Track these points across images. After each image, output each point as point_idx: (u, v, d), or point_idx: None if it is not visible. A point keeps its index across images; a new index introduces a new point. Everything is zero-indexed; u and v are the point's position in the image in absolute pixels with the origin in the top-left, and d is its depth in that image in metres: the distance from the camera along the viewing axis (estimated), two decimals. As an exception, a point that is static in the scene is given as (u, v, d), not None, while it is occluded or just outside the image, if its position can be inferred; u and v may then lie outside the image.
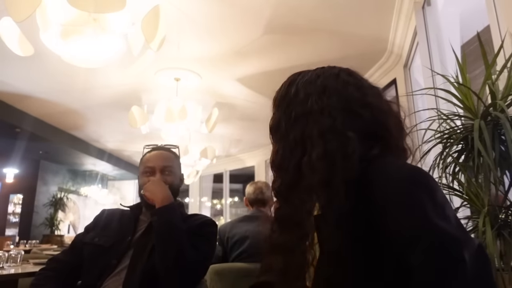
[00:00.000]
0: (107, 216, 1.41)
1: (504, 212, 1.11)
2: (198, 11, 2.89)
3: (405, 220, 0.55)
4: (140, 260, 1.22)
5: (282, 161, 0.68)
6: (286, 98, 0.73)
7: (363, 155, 0.62)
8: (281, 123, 0.70)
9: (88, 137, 6.89)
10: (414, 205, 0.55)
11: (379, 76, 3.97)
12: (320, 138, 0.63)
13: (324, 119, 0.64)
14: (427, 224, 0.53)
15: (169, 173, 1.38)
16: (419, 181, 0.58)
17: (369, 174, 0.59)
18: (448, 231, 0.53)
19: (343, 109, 0.65)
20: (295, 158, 0.65)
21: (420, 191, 0.56)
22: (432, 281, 0.51)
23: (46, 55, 2.34)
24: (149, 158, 1.40)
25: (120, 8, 1.72)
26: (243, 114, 5.31)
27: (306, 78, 0.73)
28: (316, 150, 0.62)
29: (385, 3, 2.85)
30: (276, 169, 0.70)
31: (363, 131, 0.64)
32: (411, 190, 0.56)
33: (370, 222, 0.57)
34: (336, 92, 0.68)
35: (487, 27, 1.62)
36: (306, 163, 0.63)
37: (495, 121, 1.11)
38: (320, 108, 0.66)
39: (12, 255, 2.39)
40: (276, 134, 0.72)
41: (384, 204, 0.57)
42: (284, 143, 0.69)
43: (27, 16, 1.68)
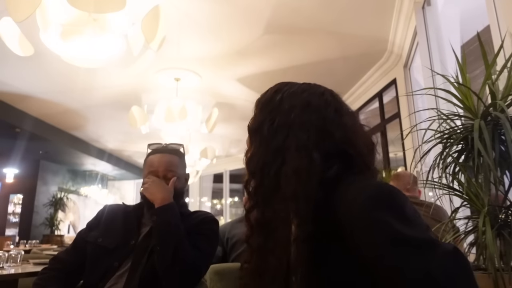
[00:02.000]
0: (110, 214, 1.39)
1: (504, 212, 1.11)
2: (198, 11, 2.89)
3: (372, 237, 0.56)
4: (141, 263, 1.21)
5: (262, 165, 0.70)
6: (270, 103, 0.75)
7: (328, 175, 0.65)
8: (263, 127, 0.72)
9: (88, 137, 6.89)
10: (379, 222, 0.56)
11: (379, 76, 3.97)
12: (296, 152, 0.66)
13: (301, 134, 0.68)
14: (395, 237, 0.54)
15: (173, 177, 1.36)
16: (384, 198, 0.59)
17: (335, 192, 0.62)
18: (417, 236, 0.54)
19: (319, 127, 0.69)
20: (276, 165, 0.68)
21: (384, 208, 0.57)
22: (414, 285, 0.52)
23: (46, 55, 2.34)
24: (152, 162, 1.38)
25: (120, 8, 1.72)
26: (243, 114, 5.31)
27: (292, 90, 0.76)
28: (291, 162, 0.66)
29: (385, 4, 2.85)
30: (253, 171, 0.72)
31: (332, 151, 0.67)
32: (375, 207, 0.57)
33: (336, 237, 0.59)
34: (317, 110, 0.71)
35: (487, 27, 1.62)
36: (284, 173, 0.66)
37: (495, 121, 1.11)
38: (300, 122, 0.69)
39: (12, 255, 2.39)
40: (256, 136, 0.74)
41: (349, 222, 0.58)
42: (264, 148, 0.71)
43: (27, 16, 1.68)
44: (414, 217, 0.58)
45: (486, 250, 1.01)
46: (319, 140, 0.67)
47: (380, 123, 4.05)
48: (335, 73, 3.96)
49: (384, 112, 4.02)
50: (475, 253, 1.10)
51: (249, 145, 0.76)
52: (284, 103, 0.73)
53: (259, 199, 0.70)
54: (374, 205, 0.57)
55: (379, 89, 4.02)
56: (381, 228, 0.55)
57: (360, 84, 4.26)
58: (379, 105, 4.12)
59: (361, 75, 4.12)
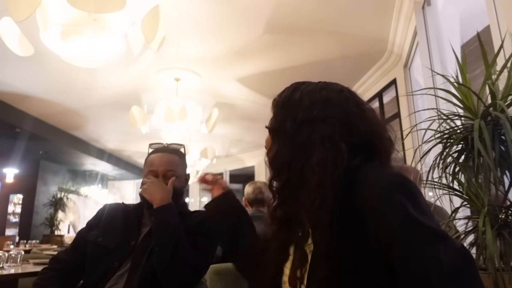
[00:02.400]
0: (110, 213, 1.38)
1: (504, 212, 1.11)
2: (198, 11, 2.89)
3: (389, 221, 0.58)
4: (141, 263, 1.21)
5: (288, 162, 0.71)
6: (290, 102, 0.76)
7: (353, 164, 0.67)
8: (286, 125, 0.73)
9: (88, 137, 6.89)
10: (396, 205, 0.59)
11: (379, 76, 3.97)
12: (321, 145, 0.68)
13: (326, 128, 0.69)
14: (411, 223, 0.57)
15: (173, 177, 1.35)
16: (402, 186, 0.62)
17: (356, 180, 0.64)
18: (432, 226, 0.58)
19: (343, 121, 0.70)
20: (302, 160, 0.69)
21: (402, 195, 0.60)
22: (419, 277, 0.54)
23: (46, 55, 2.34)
24: (153, 161, 1.37)
25: (120, 8, 1.72)
26: (243, 114, 5.31)
27: (310, 88, 0.77)
28: (316, 155, 0.67)
29: (385, 3, 2.85)
30: (279, 169, 0.73)
31: (358, 142, 0.70)
32: (393, 194, 0.60)
33: (357, 224, 0.61)
34: (338, 105, 0.73)
35: (487, 27, 1.62)
36: (310, 166, 0.67)
37: (495, 121, 1.11)
38: (324, 117, 0.71)
39: (12, 255, 2.38)
40: (279, 134, 0.75)
41: (369, 207, 0.61)
42: (289, 145, 0.72)
43: (27, 16, 1.68)
44: (427, 208, 0.61)
45: (486, 250, 1.01)
46: (344, 132, 0.69)
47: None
48: (335, 73, 3.96)
49: (384, 112, 4.03)
50: (475, 253, 1.10)
51: (270, 145, 0.77)
52: (305, 100, 0.74)
53: (285, 195, 0.72)
54: (393, 190, 0.60)
55: (379, 89, 4.02)
56: (398, 211, 0.58)
57: (360, 84, 4.26)
58: (379, 105, 4.13)
59: (361, 75, 4.12)
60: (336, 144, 0.67)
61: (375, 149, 0.71)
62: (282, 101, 0.79)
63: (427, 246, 0.55)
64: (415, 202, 0.60)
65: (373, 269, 0.60)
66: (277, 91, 0.84)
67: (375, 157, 0.71)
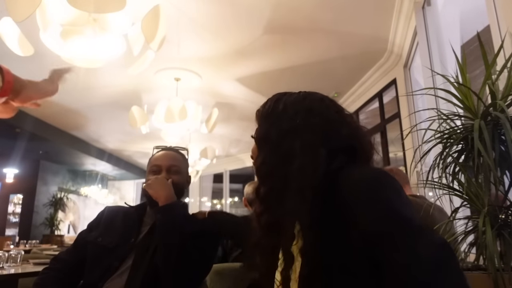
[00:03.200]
0: (110, 214, 1.39)
1: (504, 212, 1.11)
2: (198, 11, 2.89)
3: (373, 214, 0.60)
4: (142, 262, 1.21)
5: (272, 170, 0.75)
6: (274, 112, 0.80)
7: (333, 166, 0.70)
8: (271, 134, 0.77)
9: (88, 137, 6.89)
10: (379, 200, 0.61)
11: (379, 76, 3.97)
12: (302, 151, 0.71)
13: (307, 135, 0.73)
14: (394, 215, 0.59)
15: (176, 172, 1.37)
16: (384, 181, 0.65)
17: (339, 180, 0.66)
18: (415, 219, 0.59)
19: (324, 127, 0.74)
20: (285, 168, 0.72)
21: (385, 189, 0.63)
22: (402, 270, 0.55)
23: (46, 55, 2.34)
24: (157, 157, 1.41)
25: (120, 8, 1.72)
26: (243, 114, 5.31)
27: (293, 98, 0.81)
28: (298, 161, 0.71)
29: (385, 3, 2.85)
30: (264, 177, 0.77)
31: (339, 146, 0.73)
32: (376, 187, 0.63)
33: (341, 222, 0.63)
34: (320, 113, 0.77)
35: (487, 27, 1.62)
36: (291, 172, 0.71)
37: (495, 121, 1.11)
38: (306, 125, 0.74)
39: (12, 255, 2.39)
40: (265, 143, 0.79)
41: (353, 202, 0.63)
42: (274, 153, 0.75)
43: (27, 16, 1.68)
44: (409, 202, 0.64)
45: (486, 250, 1.01)
46: (324, 138, 0.72)
47: (380, 123, 4.05)
48: (335, 73, 3.96)
49: (384, 112, 4.02)
50: (475, 253, 1.10)
51: (257, 154, 0.81)
52: (288, 110, 0.78)
53: (270, 202, 0.75)
54: (376, 185, 0.63)
55: (379, 89, 4.02)
56: (381, 205, 0.61)
57: (360, 84, 4.26)
58: (379, 105, 4.13)
59: (361, 75, 4.12)
60: (315, 149, 0.71)
61: (356, 151, 0.74)
62: (266, 111, 0.82)
63: (410, 239, 0.57)
64: (397, 195, 0.62)
65: (358, 266, 0.61)
66: (277, 91, 0.86)
67: (357, 159, 0.74)
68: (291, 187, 0.69)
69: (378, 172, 0.67)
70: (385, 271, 0.57)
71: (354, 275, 0.61)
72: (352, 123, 0.79)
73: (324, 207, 0.64)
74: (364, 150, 0.76)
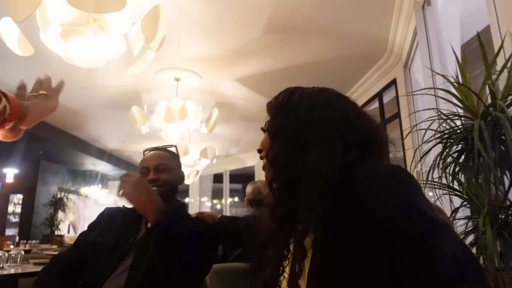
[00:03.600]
0: (110, 214, 1.39)
1: (504, 212, 1.11)
2: (198, 11, 2.89)
3: (391, 206, 0.60)
4: (141, 262, 1.19)
5: (288, 161, 0.74)
6: (289, 104, 0.79)
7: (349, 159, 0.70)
8: (287, 126, 0.76)
9: (88, 137, 6.89)
10: (398, 193, 0.61)
11: (379, 76, 3.97)
12: (319, 144, 0.71)
13: (325, 128, 0.73)
14: (412, 208, 0.59)
15: (164, 171, 1.34)
16: (403, 176, 0.64)
17: (356, 173, 0.66)
18: (432, 216, 0.59)
19: (341, 122, 0.74)
20: (301, 159, 0.71)
21: (403, 183, 0.63)
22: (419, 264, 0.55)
23: (46, 55, 2.34)
24: (144, 159, 1.40)
25: (120, 8, 1.72)
26: (243, 114, 5.31)
27: (308, 92, 0.82)
28: (315, 153, 0.70)
29: (385, 3, 2.85)
30: (279, 169, 0.75)
31: (356, 141, 0.73)
32: (394, 181, 0.63)
33: (356, 215, 0.62)
34: (337, 108, 0.77)
35: (487, 27, 1.62)
36: (307, 164, 0.70)
37: (495, 121, 1.11)
38: (323, 118, 0.74)
39: (12, 255, 2.39)
40: (279, 136, 0.77)
41: (370, 195, 0.62)
42: (290, 145, 0.74)
43: (27, 16, 1.68)
44: (427, 199, 0.63)
45: (486, 250, 1.01)
46: (341, 132, 0.73)
47: (380, 123, 4.04)
48: (335, 73, 3.96)
49: (384, 112, 4.02)
50: (475, 253, 1.10)
51: (268, 146, 0.79)
52: (304, 103, 0.78)
53: (285, 194, 0.74)
54: (395, 179, 0.63)
55: (379, 89, 4.02)
56: (401, 199, 0.60)
57: (360, 84, 4.26)
58: (379, 105, 4.12)
59: (361, 75, 4.12)
60: (332, 142, 0.71)
61: (373, 146, 0.74)
62: (280, 103, 0.81)
63: (431, 233, 0.57)
64: (416, 192, 0.62)
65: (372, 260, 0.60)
66: (277, 91, 0.85)
67: (373, 154, 0.74)
68: (306, 178, 0.69)
69: (396, 166, 0.67)
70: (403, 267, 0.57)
71: (368, 270, 0.60)
72: (368, 119, 0.79)
73: (338, 200, 0.64)
74: (380, 145, 0.77)
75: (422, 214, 0.59)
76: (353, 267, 0.60)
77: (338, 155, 0.69)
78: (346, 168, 0.67)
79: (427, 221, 0.58)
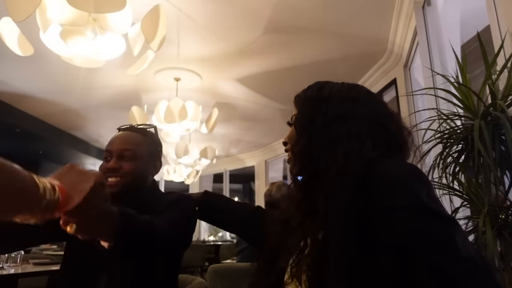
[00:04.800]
0: None
1: (504, 212, 1.11)
2: (198, 11, 2.89)
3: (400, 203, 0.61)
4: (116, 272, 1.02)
5: (316, 155, 0.74)
6: (318, 98, 0.79)
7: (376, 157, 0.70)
8: (316, 120, 0.76)
9: (88, 137, 6.89)
10: (410, 195, 0.61)
11: (379, 76, 3.97)
12: (348, 139, 0.71)
13: (355, 124, 0.73)
14: (422, 207, 0.60)
15: (129, 158, 1.08)
16: (415, 174, 0.65)
17: (373, 171, 0.66)
18: (445, 214, 0.61)
19: (372, 119, 0.75)
20: (328, 153, 0.72)
21: (415, 183, 0.63)
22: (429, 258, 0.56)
23: (46, 55, 2.34)
24: (110, 141, 1.13)
25: (120, 8, 1.72)
26: (243, 114, 5.31)
27: (338, 87, 0.81)
28: (343, 147, 0.70)
29: (385, 4, 2.85)
30: (307, 162, 0.75)
31: (384, 139, 0.74)
32: (406, 179, 0.63)
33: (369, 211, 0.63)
34: (368, 104, 0.77)
35: (487, 27, 1.62)
36: (333, 158, 0.71)
37: (495, 121, 1.11)
38: (354, 114, 0.74)
39: (11, 255, 2.38)
40: (308, 130, 0.77)
41: (382, 192, 0.63)
42: (318, 139, 0.74)
43: (27, 16, 1.68)
44: (438, 199, 0.65)
45: (486, 250, 1.01)
46: (371, 129, 0.73)
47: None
48: (335, 73, 3.96)
49: (384, 112, 4.02)
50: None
51: (295, 139, 0.79)
52: (334, 97, 0.78)
53: (311, 188, 0.73)
54: (407, 178, 0.64)
55: (379, 89, 4.02)
56: (412, 198, 0.61)
57: (360, 84, 4.26)
58: (379, 105, 4.12)
59: (361, 75, 4.12)
60: (361, 137, 0.71)
61: (398, 147, 0.76)
62: (309, 97, 0.81)
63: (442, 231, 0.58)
64: (428, 191, 0.62)
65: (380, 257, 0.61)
66: (277, 91, 0.85)
67: (397, 154, 0.76)
68: (331, 170, 0.69)
69: (411, 165, 0.68)
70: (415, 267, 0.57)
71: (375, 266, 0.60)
72: (397, 119, 0.79)
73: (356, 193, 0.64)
74: (405, 147, 0.77)
75: (433, 213, 0.59)
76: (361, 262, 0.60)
77: (366, 151, 0.69)
78: (369, 165, 0.67)
79: (437, 219, 0.59)
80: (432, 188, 0.65)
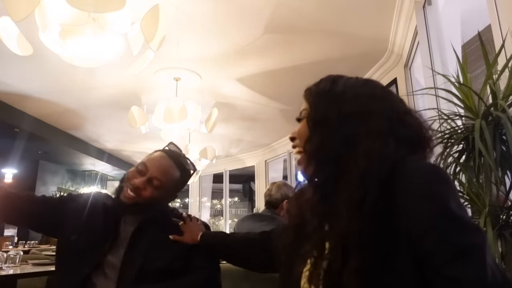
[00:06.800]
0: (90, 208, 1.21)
1: (505, 212, 1.11)
2: (198, 11, 2.88)
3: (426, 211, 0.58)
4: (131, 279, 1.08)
5: (333, 154, 0.70)
6: (332, 93, 0.75)
7: (396, 157, 0.66)
8: (330, 116, 0.72)
9: (88, 137, 6.88)
10: (434, 198, 0.59)
11: (380, 76, 3.96)
12: (367, 137, 0.67)
13: (373, 121, 0.69)
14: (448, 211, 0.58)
15: (155, 187, 1.16)
16: (443, 177, 0.63)
17: (396, 171, 0.63)
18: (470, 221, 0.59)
19: (389, 115, 0.71)
20: (346, 153, 0.68)
21: (440, 186, 0.61)
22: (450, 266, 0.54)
23: (46, 55, 2.34)
24: (151, 159, 1.20)
25: (119, 7, 1.72)
26: (243, 114, 5.30)
27: (352, 81, 0.77)
28: (362, 147, 0.67)
29: (385, 3, 2.84)
30: (323, 162, 0.71)
31: (403, 136, 0.70)
32: (433, 182, 0.61)
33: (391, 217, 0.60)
34: (383, 99, 0.73)
35: (488, 26, 1.61)
36: (353, 158, 0.66)
37: (496, 121, 1.10)
38: (370, 110, 0.70)
39: (10, 256, 2.38)
40: (321, 126, 0.73)
41: (406, 194, 0.60)
42: (333, 137, 0.70)
43: (26, 15, 1.67)
44: (461, 203, 0.62)
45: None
46: (391, 126, 0.69)
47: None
48: (335, 73, 3.92)
49: (384, 112, 4.02)
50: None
51: (307, 136, 0.74)
52: (348, 93, 0.74)
53: (328, 189, 0.69)
54: (434, 180, 0.61)
55: (379, 89, 4.02)
56: (436, 201, 0.59)
57: (360, 84, 4.26)
58: (379, 105, 4.12)
59: (362, 75, 3.99)
60: (384, 137, 0.67)
61: (418, 143, 0.72)
62: (322, 92, 0.77)
63: (465, 238, 0.56)
64: (453, 194, 0.60)
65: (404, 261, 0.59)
66: (277, 91, 0.84)
67: (418, 151, 0.72)
68: (352, 173, 0.65)
69: (437, 166, 0.65)
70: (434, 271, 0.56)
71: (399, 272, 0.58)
72: (414, 114, 0.75)
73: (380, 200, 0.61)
74: (426, 143, 0.74)
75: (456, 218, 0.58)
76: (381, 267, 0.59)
77: (389, 151, 0.66)
78: (393, 165, 0.64)
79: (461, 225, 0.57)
80: (456, 191, 0.63)
